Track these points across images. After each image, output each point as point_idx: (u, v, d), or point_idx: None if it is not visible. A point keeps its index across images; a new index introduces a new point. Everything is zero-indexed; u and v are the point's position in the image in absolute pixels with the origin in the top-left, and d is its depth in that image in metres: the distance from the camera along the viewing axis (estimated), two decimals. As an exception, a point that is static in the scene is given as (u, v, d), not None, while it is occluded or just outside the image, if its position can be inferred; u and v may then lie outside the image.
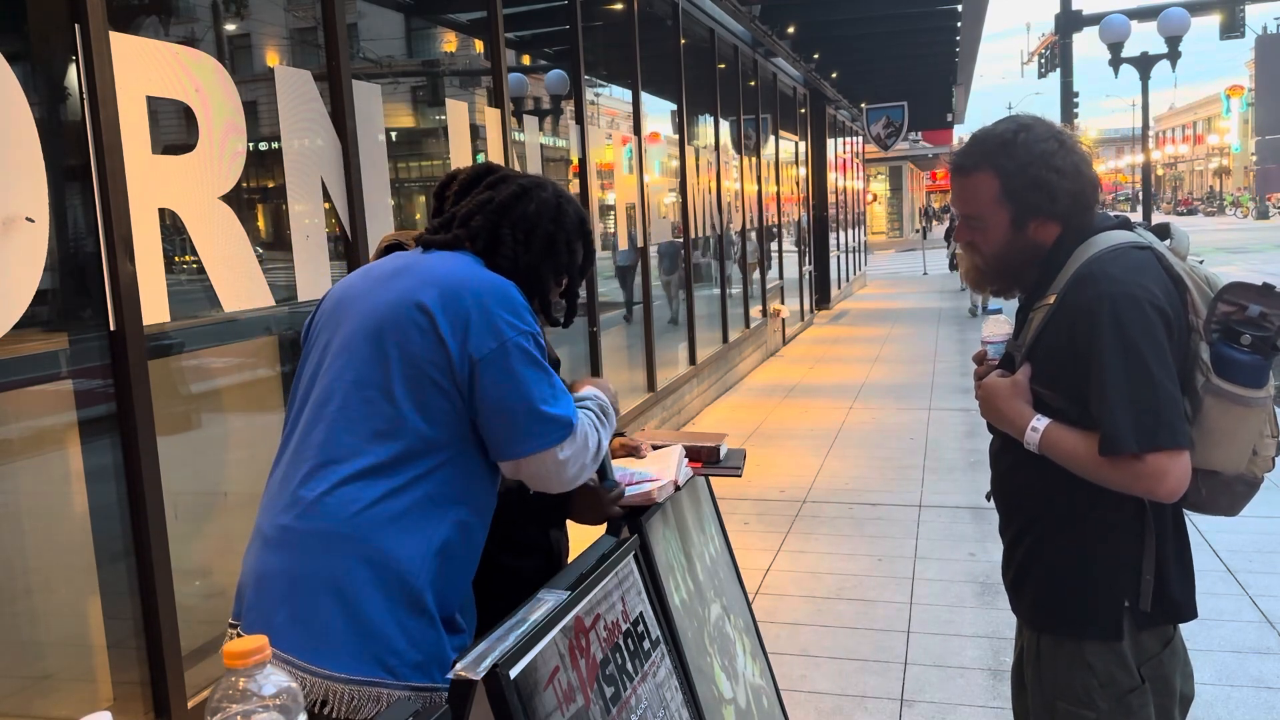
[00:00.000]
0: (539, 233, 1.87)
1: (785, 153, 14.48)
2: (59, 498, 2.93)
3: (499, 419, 1.70)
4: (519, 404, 1.69)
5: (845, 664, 3.90)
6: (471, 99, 5.68)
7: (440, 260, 1.80)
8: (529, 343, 1.71)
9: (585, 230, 1.96)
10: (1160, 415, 1.71)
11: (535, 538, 2.22)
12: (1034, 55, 33.49)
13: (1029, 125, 1.91)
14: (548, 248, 1.88)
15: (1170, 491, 1.74)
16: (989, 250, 1.97)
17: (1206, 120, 75.32)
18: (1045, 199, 1.88)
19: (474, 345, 1.67)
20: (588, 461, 1.79)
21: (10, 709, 2.66)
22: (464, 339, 1.68)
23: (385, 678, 1.61)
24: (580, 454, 1.75)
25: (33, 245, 2.49)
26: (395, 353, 1.69)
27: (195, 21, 3.68)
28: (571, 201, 1.95)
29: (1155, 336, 1.74)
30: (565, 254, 1.91)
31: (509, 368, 1.68)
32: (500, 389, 1.68)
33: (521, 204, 1.87)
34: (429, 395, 1.68)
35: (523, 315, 1.73)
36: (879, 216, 44.95)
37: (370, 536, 1.63)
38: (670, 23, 8.74)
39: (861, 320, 16.09)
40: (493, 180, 1.91)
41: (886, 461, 6.95)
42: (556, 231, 1.89)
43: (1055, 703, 1.93)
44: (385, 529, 1.64)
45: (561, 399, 1.74)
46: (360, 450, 1.67)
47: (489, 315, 1.69)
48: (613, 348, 7.44)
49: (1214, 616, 4.10)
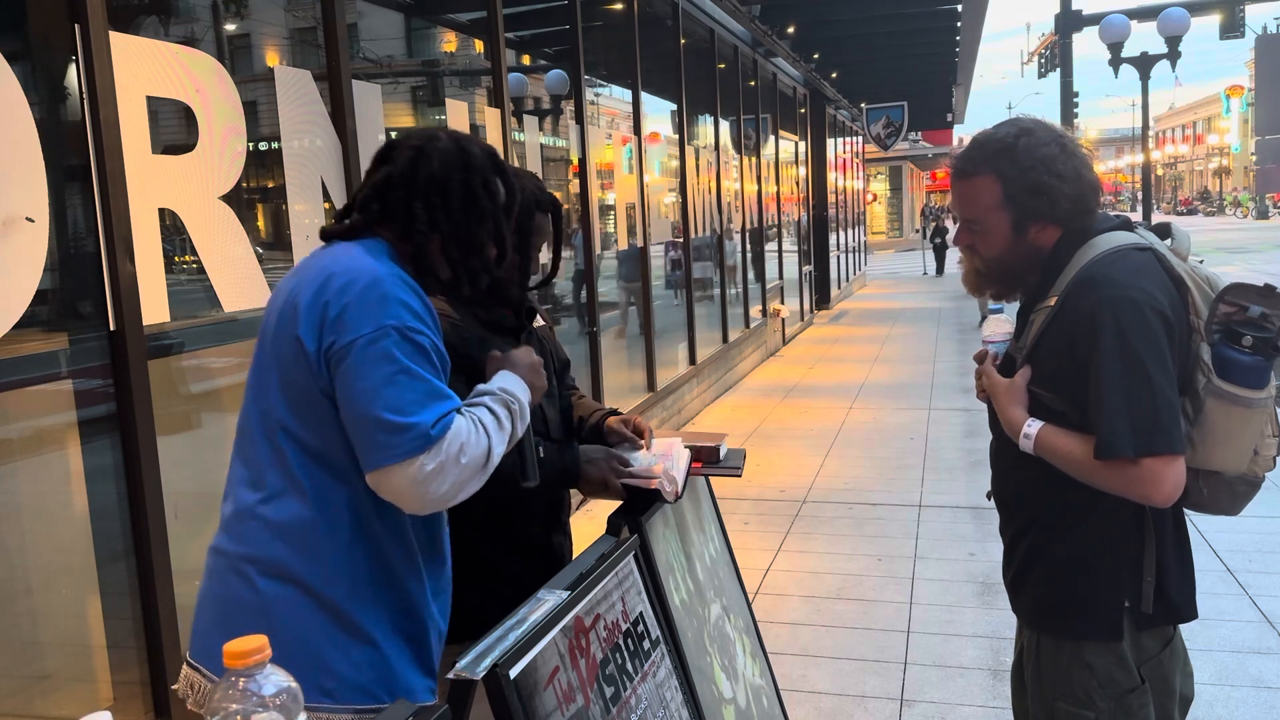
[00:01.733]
0: (453, 189, 1.68)
1: (785, 153, 14.48)
2: (59, 498, 2.93)
3: (350, 427, 1.55)
4: (364, 411, 1.51)
5: (845, 664, 3.90)
6: (471, 99, 5.68)
7: (328, 254, 1.65)
8: (391, 340, 1.52)
9: (500, 165, 1.76)
10: (1158, 420, 1.71)
11: (536, 540, 2.22)
12: (1034, 55, 33.49)
13: (1030, 129, 1.91)
14: (469, 202, 1.69)
15: (1165, 497, 1.74)
16: (989, 254, 1.97)
17: (1206, 120, 75.29)
18: (1046, 204, 1.87)
19: (327, 345, 1.55)
20: (465, 477, 1.56)
21: (10, 709, 2.65)
22: (319, 339, 1.55)
23: (323, 701, 1.57)
24: (451, 468, 1.53)
25: (33, 245, 2.49)
26: (275, 363, 1.61)
27: (195, 21, 3.68)
28: (474, 141, 1.76)
29: (1155, 341, 1.74)
30: (488, 200, 1.71)
31: (357, 369, 1.52)
32: (347, 393, 1.53)
33: (422, 166, 1.68)
34: (310, 406, 1.58)
35: (390, 308, 1.54)
36: (879, 216, 44.94)
37: (279, 558, 1.58)
38: (670, 23, 8.74)
39: (861, 320, 16.09)
40: (385, 154, 1.75)
41: (886, 461, 6.95)
42: (470, 178, 1.70)
43: (1055, 703, 1.93)
44: (292, 549, 1.58)
45: (427, 404, 1.52)
46: (261, 468, 1.61)
47: (346, 311, 1.54)
48: (612, 348, 7.44)
49: (1214, 616, 4.10)
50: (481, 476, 1.59)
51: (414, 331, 1.55)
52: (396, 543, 1.66)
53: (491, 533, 2.14)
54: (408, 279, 1.61)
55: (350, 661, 1.60)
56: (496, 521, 2.14)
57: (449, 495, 1.55)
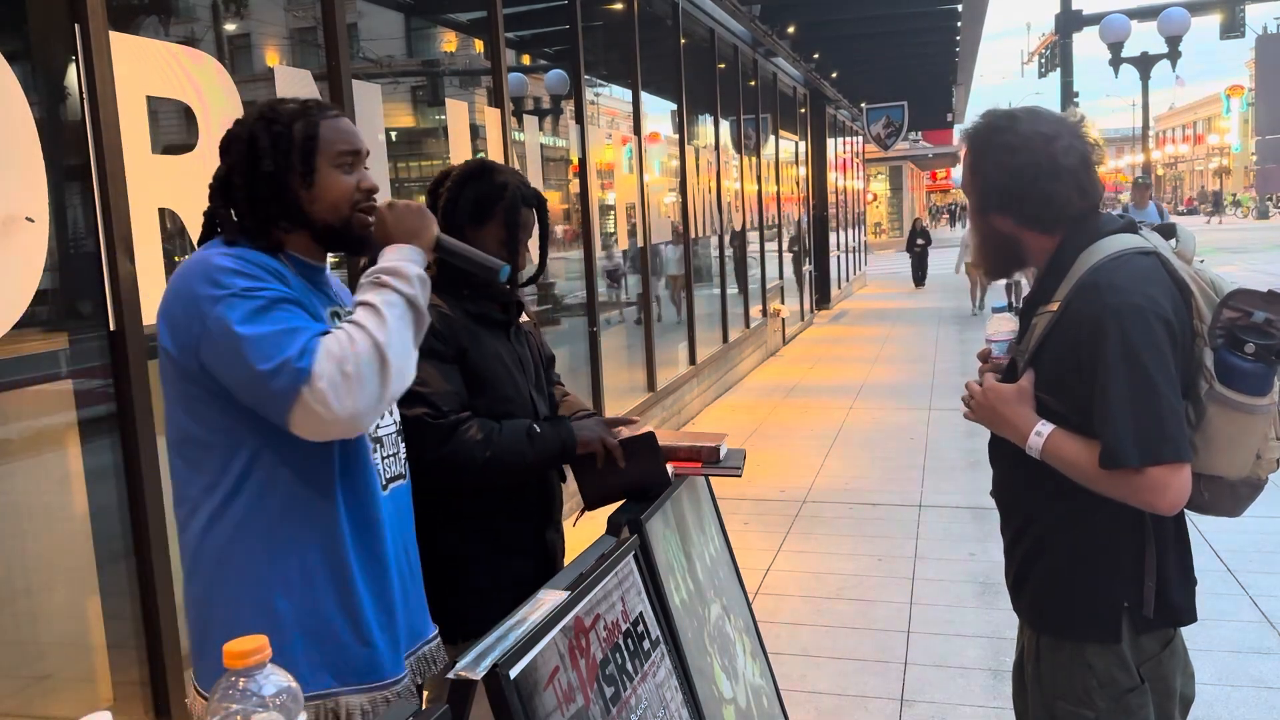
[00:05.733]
0: (245, 142, 1.70)
1: (785, 153, 14.48)
2: (59, 498, 2.93)
3: (245, 396, 1.57)
4: (244, 374, 1.54)
5: (845, 664, 3.90)
6: (471, 99, 5.68)
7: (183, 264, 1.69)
8: (229, 305, 1.55)
9: (307, 108, 1.75)
10: (1163, 429, 1.70)
11: (527, 539, 2.22)
12: (1034, 55, 33.47)
13: (1015, 120, 1.93)
14: (253, 149, 1.69)
15: (1171, 505, 1.74)
16: (970, 227, 2.11)
17: (1206, 120, 75.28)
18: (994, 193, 1.92)
19: (185, 341, 1.59)
20: (369, 383, 1.54)
21: (10, 709, 2.65)
22: (179, 340, 1.60)
23: None
24: (343, 384, 1.52)
25: (33, 245, 2.49)
26: (164, 374, 1.66)
27: (195, 21, 3.68)
28: (286, 101, 1.76)
29: (1159, 348, 1.73)
30: (269, 141, 1.70)
31: (218, 344, 1.55)
32: (224, 369, 1.56)
33: (234, 144, 1.73)
34: (193, 405, 1.62)
35: (220, 280, 1.57)
36: (881, 216, 44.96)
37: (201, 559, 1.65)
38: (670, 23, 8.74)
39: (861, 320, 16.09)
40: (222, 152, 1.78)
41: (886, 461, 6.95)
42: (260, 126, 1.71)
43: (1055, 702, 1.93)
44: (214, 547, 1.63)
45: (284, 341, 1.53)
46: (177, 470, 1.68)
47: (186, 301, 1.58)
48: (613, 348, 7.44)
49: (1214, 616, 4.10)
50: (389, 373, 1.56)
51: (247, 292, 1.56)
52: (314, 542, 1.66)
53: (482, 532, 2.14)
54: (233, 251, 1.63)
55: (286, 657, 1.62)
56: (486, 521, 2.14)
57: (366, 406, 1.54)
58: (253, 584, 1.62)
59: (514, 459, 2.05)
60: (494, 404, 2.11)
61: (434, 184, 2.26)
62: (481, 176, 2.20)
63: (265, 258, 1.65)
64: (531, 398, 2.23)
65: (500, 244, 2.17)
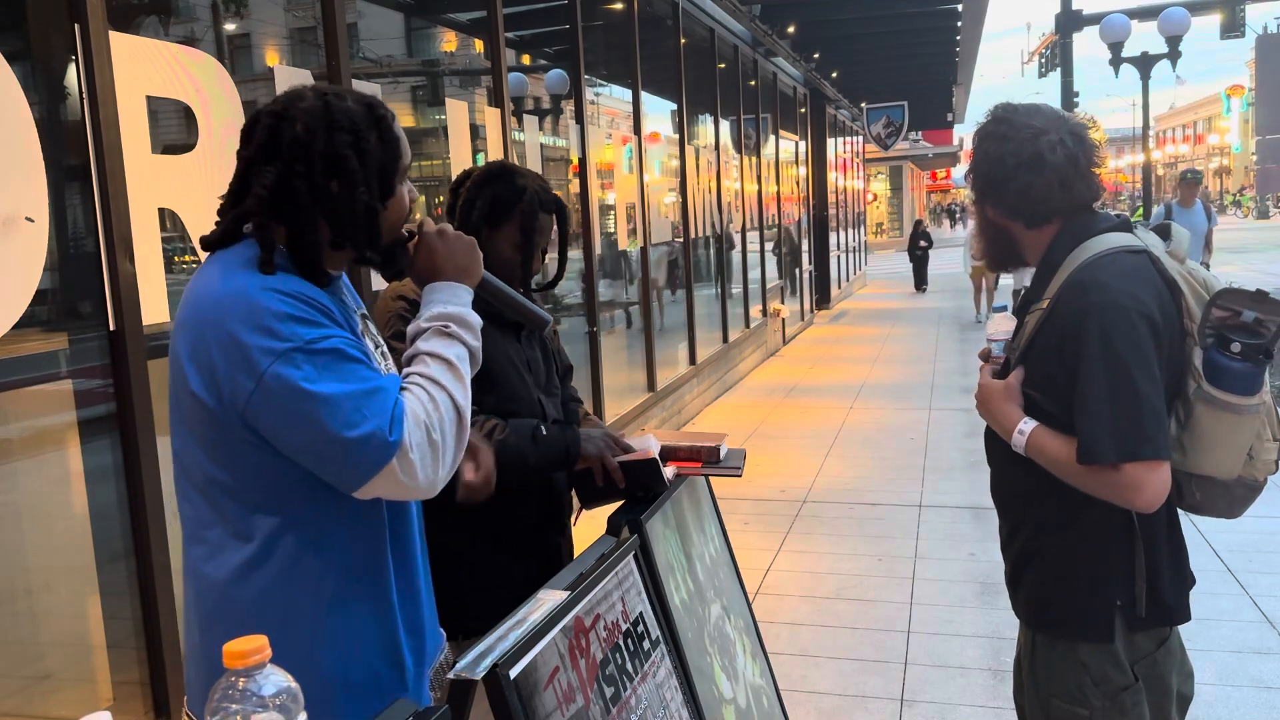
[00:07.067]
0: (317, 153, 1.44)
1: (785, 152, 14.47)
2: (59, 498, 2.93)
3: (308, 459, 1.41)
4: (317, 442, 1.37)
5: (845, 664, 3.90)
6: (471, 99, 5.68)
7: (202, 276, 1.47)
8: (293, 362, 1.36)
9: (377, 114, 1.50)
10: (1141, 426, 1.71)
11: (531, 542, 2.22)
12: (1034, 55, 33.46)
13: (1013, 112, 1.95)
14: (335, 165, 1.45)
15: (1147, 502, 1.74)
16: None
17: (1207, 120, 75.33)
18: (980, 180, 1.97)
19: (229, 395, 1.39)
20: (450, 442, 1.44)
21: (10, 709, 2.65)
22: (216, 390, 1.40)
23: None
24: (429, 450, 1.41)
25: (33, 245, 2.49)
26: (183, 417, 1.47)
27: (195, 21, 3.68)
28: (342, 95, 1.51)
29: (1141, 347, 1.73)
30: (355, 157, 1.46)
31: (282, 405, 1.37)
32: (284, 430, 1.39)
33: (282, 134, 1.46)
34: (221, 452, 1.44)
35: (276, 329, 1.37)
36: (881, 216, 44.96)
37: (229, 610, 1.47)
38: (670, 22, 8.74)
39: (861, 320, 16.09)
40: (244, 136, 1.52)
41: (887, 461, 6.95)
42: (335, 134, 1.45)
43: (1050, 699, 1.93)
44: (247, 600, 1.47)
45: (367, 406, 1.37)
46: (195, 504, 1.50)
47: (228, 349, 1.38)
48: (613, 348, 7.44)
49: (1214, 616, 4.10)
50: (464, 433, 1.47)
51: (311, 345, 1.38)
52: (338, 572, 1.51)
53: (486, 534, 2.14)
54: (279, 285, 1.41)
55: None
56: (489, 523, 2.14)
57: (447, 472, 1.45)
58: (296, 641, 1.45)
59: (515, 458, 2.05)
60: (501, 403, 2.12)
61: (455, 184, 2.25)
62: (501, 178, 2.18)
63: (313, 290, 1.45)
64: (539, 399, 2.23)
65: (515, 248, 2.16)
